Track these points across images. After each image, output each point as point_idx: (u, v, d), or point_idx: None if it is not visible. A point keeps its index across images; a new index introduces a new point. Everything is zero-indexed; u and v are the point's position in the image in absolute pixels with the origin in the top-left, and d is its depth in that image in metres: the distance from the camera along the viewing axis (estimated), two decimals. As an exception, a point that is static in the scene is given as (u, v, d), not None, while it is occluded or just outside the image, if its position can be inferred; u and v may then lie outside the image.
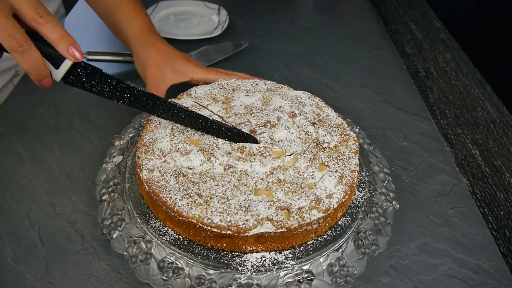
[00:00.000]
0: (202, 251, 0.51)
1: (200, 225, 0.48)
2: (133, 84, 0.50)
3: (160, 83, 0.69)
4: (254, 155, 0.55)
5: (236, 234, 0.48)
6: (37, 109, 0.78)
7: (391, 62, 0.99)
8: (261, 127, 0.60)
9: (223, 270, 0.49)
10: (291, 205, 0.50)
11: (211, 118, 0.56)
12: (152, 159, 0.55)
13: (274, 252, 0.51)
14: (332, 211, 0.51)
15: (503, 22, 1.09)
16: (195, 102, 0.64)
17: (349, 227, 0.54)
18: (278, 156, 0.56)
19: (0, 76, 0.84)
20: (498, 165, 0.69)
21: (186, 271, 0.49)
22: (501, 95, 0.81)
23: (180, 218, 0.49)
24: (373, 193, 0.59)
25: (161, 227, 0.53)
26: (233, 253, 0.51)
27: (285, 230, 0.48)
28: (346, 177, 0.54)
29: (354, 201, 0.58)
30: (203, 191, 0.51)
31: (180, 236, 0.52)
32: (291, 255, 0.51)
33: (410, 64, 1.00)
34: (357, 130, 0.70)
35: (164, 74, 0.70)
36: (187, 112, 0.54)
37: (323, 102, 0.67)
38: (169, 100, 0.54)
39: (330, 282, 0.49)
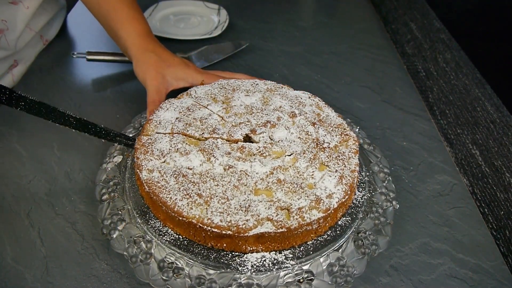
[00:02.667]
0: (202, 251, 0.51)
1: (200, 225, 0.48)
2: (25, 94, 0.52)
3: (161, 88, 0.69)
4: (254, 155, 0.55)
5: (236, 234, 0.48)
6: (37, 109, 0.77)
7: (391, 62, 0.99)
8: (261, 127, 0.60)
9: (223, 270, 0.49)
10: (291, 205, 0.50)
11: (100, 125, 0.57)
12: (151, 160, 0.55)
13: (274, 252, 0.51)
14: (332, 211, 0.51)
15: (503, 22, 1.10)
16: (195, 102, 0.64)
17: (349, 227, 0.54)
18: (278, 156, 0.56)
19: None
20: (498, 165, 0.69)
21: (186, 271, 0.49)
22: (501, 95, 0.81)
23: (180, 218, 0.49)
24: (373, 193, 0.59)
25: (161, 227, 0.53)
26: (233, 253, 0.51)
27: (285, 230, 0.48)
28: (346, 177, 0.54)
29: (354, 201, 0.58)
30: (203, 191, 0.51)
31: (180, 236, 0.52)
32: (291, 255, 0.51)
33: (410, 64, 1.00)
34: (357, 130, 0.70)
35: (165, 79, 0.70)
36: (76, 119, 0.55)
37: (323, 102, 0.67)
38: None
39: (330, 282, 0.49)
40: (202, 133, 0.58)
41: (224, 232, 0.48)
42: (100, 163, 0.63)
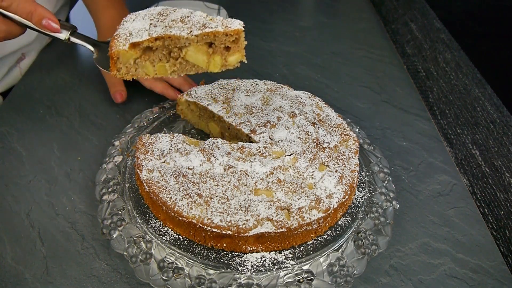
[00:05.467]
0: (202, 251, 0.51)
1: (200, 225, 0.48)
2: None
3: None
4: (254, 155, 0.55)
5: (236, 234, 0.48)
6: (37, 109, 0.78)
7: (391, 62, 0.99)
8: (261, 127, 0.60)
9: (223, 270, 0.49)
10: (291, 205, 0.50)
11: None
12: (151, 160, 0.55)
13: (274, 252, 0.51)
14: (332, 211, 0.51)
15: (503, 22, 1.10)
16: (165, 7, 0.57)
17: (349, 227, 0.54)
18: (278, 156, 0.56)
19: (6, 58, 0.84)
20: (498, 165, 0.69)
21: (186, 271, 0.49)
22: (501, 95, 0.81)
23: (180, 218, 0.49)
24: (373, 193, 0.59)
25: (161, 227, 0.53)
26: (233, 253, 0.51)
27: (285, 230, 0.48)
28: (346, 177, 0.54)
29: (354, 201, 0.57)
30: (203, 191, 0.51)
31: (180, 236, 0.52)
32: (291, 255, 0.51)
33: (410, 64, 1.00)
34: (357, 130, 0.70)
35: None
36: None
37: (323, 102, 0.67)
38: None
39: (330, 282, 0.49)
40: (191, 31, 0.51)
41: (224, 232, 0.48)
42: (100, 163, 0.63)
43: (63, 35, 0.57)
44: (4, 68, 0.84)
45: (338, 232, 0.54)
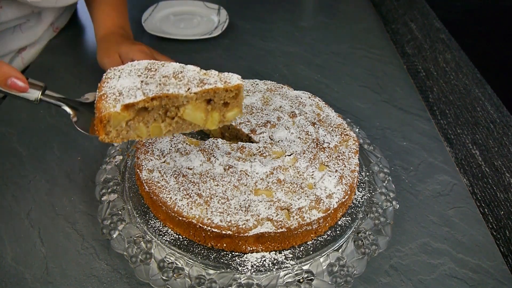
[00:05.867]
0: (202, 251, 0.50)
1: (200, 225, 0.48)
2: None
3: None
4: (254, 155, 0.55)
5: (236, 234, 0.48)
6: (37, 109, 0.78)
7: (391, 62, 0.99)
8: (261, 127, 0.60)
9: (223, 270, 0.49)
10: (291, 205, 0.50)
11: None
12: (151, 160, 0.55)
13: (274, 252, 0.51)
14: (332, 211, 0.51)
15: (503, 22, 1.10)
16: (150, 62, 0.51)
17: (349, 227, 0.54)
18: (278, 156, 0.56)
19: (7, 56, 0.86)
20: (498, 165, 0.69)
21: (186, 271, 0.49)
22: (501, 95, 0.81)
23: (180, 218, 0.49)
24: (373, 193, 0.59)
25: (161, 227, 0.53)
26: (233, 253, 0.51)
27: (285, 230, 0.48)
28: (346, 177, 0.54)
29: (354, 201, 0.57)
30: (203, 191, 0.51)
31: (180, 236, 0.52)
32: (291, 255, 0.51)
33: (410, 64, 1.00)
34: (357, 130, 0.70)
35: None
36: None
37: (323, 102, 0.67)
38: None
39: (330, 282, 0.49)
40: (189, 88, 0.46)
41: (224, 232, 0.48)
42: (100, 163, 0.63)
43: (33, 95, 0.51)
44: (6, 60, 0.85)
45: (338, 232, 0.54)
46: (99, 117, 0.44)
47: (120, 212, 0.54)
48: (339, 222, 0.55)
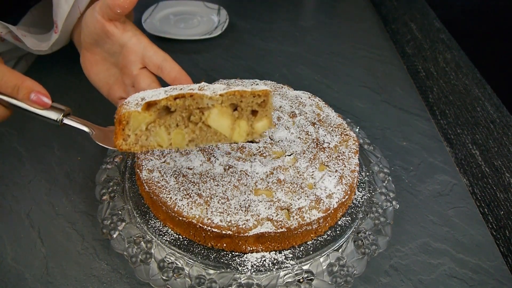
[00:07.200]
0: (202, 251, 0.51)
1: (200, 225, 0.48)
2: None
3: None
4: (254, 155, 0.55)
5: (236, 234, 0.48)
6: (37, 109, 0.77)
7: (391, 62, 0.99)
8: (261, 127, 0.59)
9: (223, 270, 0.49)
10: (291, 205, 0.50)
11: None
12: (151, 160, 0.55)
13: (274, 252, 0.51)
14: (332, 211, 0.51)
15: (503, 22, 1.10)
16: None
17: (349, 227, 0.54)
18: (278, 156, 0.56)
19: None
20: (498, 165, 0.69)
21: (186, 271, 0.49)
22: (501, 95, 0.81)
23: (180, 218, 0.49)
24: (373, 193, 0.59)
25: (161, 227, 0.53)
26: (233, 253, 0.51)
27: (285, 230, 0.48)
28: (346, 177, 0.54)
29: (354, 201, 0.58)
30: (203, 191, 0.51)
31: (180, 236, 0.52)
32: (291, 255, 0.51)
33: (410, 64, 1.00)
34: (357, 130, 0.70)
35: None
36: None
37: (323, 102, 0.67)
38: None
39: (330, 282, 0.49)
40: (214, 92, 0.45)
41: (224, 232, 0.48)
42: (100, 163, 0.63)
43: (55, 115, 0.51)
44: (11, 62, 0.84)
45: (338, 232, 0.54)
46: (119, 117, 0.43)
47: (120, 212, 0.54)
48: (339, 222, 0.55)
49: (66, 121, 0.51)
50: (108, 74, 0.60)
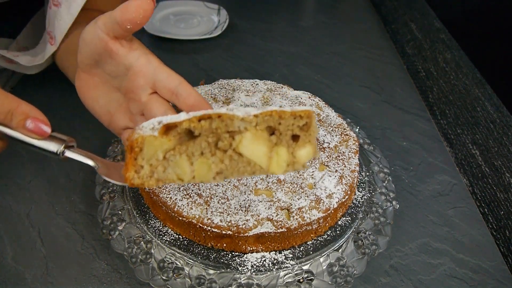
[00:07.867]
0: (202, 251, 0.50)
1: (200, 225, 0.48)
2: None
3: None
4: (254, 155, 0.55)
5: (236, 234, 0.48)
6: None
7: (391, 62, 0.99)
8: (261, 127, 0.59)
9: (223, 270, 0.49)
10: (291, 205, 0.50)
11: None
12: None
13: (274, 252, 0.51)
14: (332, 211, 0.51)
15: (503, 22, 1.10)
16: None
17: (349, 227, 0.54)
18: (278, 156, 0.55)
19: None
20: (498, 165, 0.69)
21: (186, 271, 0.49)
22: (501, 95, 0.81)
23: (180, 218, 0.49)
24: (373, 193, 0.59)
25: (161, 227, 0.53)
26: (233, 253, 0.51)
27: (285, 230, 0.48)
28: (346, 177, 0.54)
29: (354, 201, 0.57)
30: (203, 191, 0.51)
31: (180, 236, 0.52)
32: (291, 255, 0.51)
33: (410, 64, 1.00)
34: (357, 130, 0.70)
35: None
36: None
37: (323, 102, 0.67)
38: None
39: (330, 282, 0.49)
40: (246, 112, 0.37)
41: (224, 232, 0.48)
42: (100, 163, 0.63)
43: (55, 146, 0.43)
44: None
45: (338, 232, 0.54)
46: (130, 143, 0.36)
47: (120, 212, 0.54)
48: (339, 222, 0.55)
49: (68, 153, 0.45)
50: (110, 100, 0.51)
